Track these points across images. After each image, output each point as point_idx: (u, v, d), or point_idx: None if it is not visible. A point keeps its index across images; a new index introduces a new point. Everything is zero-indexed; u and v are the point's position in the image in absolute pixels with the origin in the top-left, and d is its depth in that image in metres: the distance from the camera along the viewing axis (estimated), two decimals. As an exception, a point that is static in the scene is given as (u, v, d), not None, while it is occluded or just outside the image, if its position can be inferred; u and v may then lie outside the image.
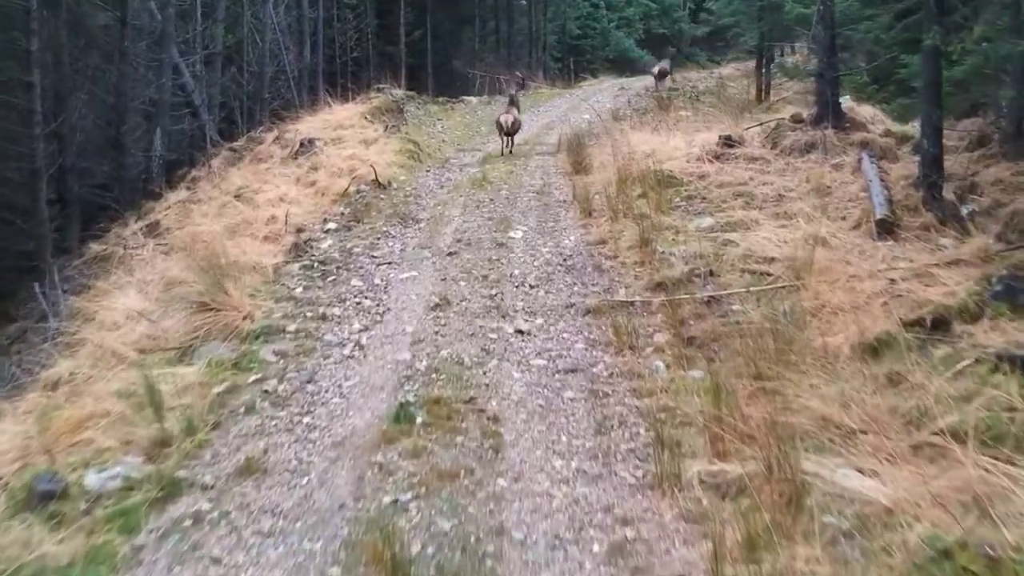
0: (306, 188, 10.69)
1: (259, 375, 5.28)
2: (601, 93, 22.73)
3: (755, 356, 4.95)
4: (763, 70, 18.55)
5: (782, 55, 39.15)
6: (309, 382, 5.16)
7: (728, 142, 9.18)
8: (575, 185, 9.71)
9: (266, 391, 5.06)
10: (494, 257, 7.16)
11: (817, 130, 9.05)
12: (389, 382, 5.07)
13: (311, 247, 7.93)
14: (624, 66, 39.59)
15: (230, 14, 18.58)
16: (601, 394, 4.91)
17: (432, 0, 26.84)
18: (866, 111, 9.98)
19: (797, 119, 9.55)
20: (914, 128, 9.97)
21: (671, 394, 4.86)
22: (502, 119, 13.34)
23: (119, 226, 12.07)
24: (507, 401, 4.82)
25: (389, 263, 7.24)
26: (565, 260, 7.10)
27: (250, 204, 10.09)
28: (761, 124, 9.82)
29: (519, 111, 13.88)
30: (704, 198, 8.30)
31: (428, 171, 11.42)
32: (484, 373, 5.15)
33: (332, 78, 23.44)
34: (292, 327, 5.98)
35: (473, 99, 22.43)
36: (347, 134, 13.26)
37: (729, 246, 6.98)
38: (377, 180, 10.18)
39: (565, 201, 9.07)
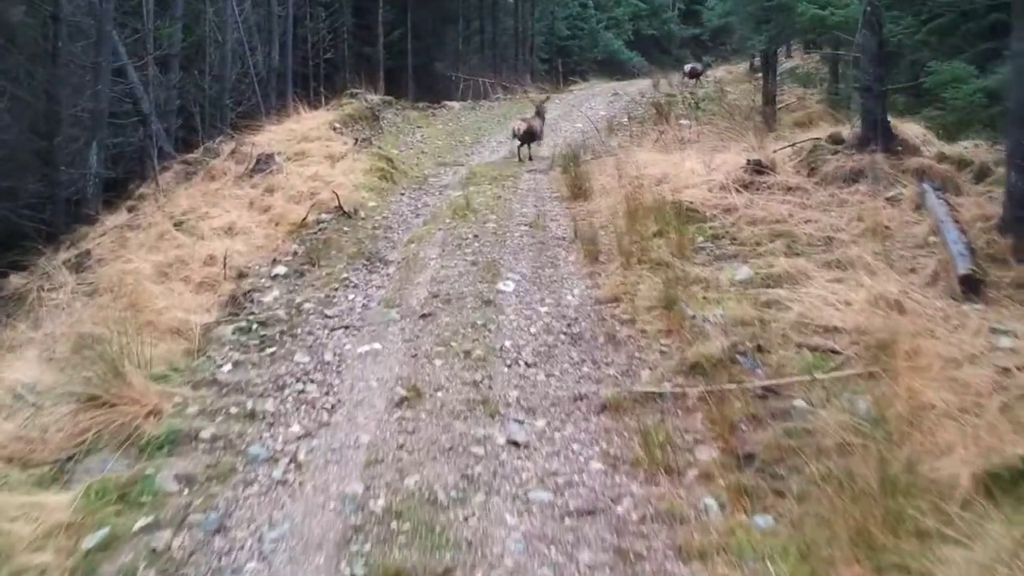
0: (259, 215, 9.17)
1: (150, 517, 3.76)
2: (593, 99, 21.26)
3: (847, 500, 3.50)
4: (770, 76, 17.12)
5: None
6: (218, 531, 3.65)
7: (758, 167, 7.73)
8: (575, 216, 8.25)
9: (155, 550, 3.54)
10: (479, 321, 5.64)
11: (863, 154, 7.61)
12: (331, 534, 3.57)
13: (252, 300, 6.41)
14: (613, 68, 38.23)
15: (190, 11, 16.97)
16: (633, 556, 3.44)
17: (413, -2, 25.31)
18: (912, 130, 8.56)
19: (836, 139, 8.11)
20: (967, 150, 8.58)
21: (733, 557, 3.40)
22: (514, 125, 13.12)
23: (47, 256, 10.49)
24: (499, 572, 3.34)
25: (346, 327, 5.72)
26: (570, 326, 5.60)
27: (192, 235, 8.57)
28: (793, 145, 8.37)
29: (543, 121, 13.34)
30: (734, 239, 6.84)
31: (403, 194, 9.90)
32: (466, 519, 3.65)
33: (304, 81, 21.86)
34: (208, 431, 4.46)
35: (456, 104, 20.95)
36: (312, 148, 11.73)
37: (776, 308, 5.51)
38: (341, 207, 8.67)
39: (564, 238, 7.58)
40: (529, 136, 12.84)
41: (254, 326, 5.89)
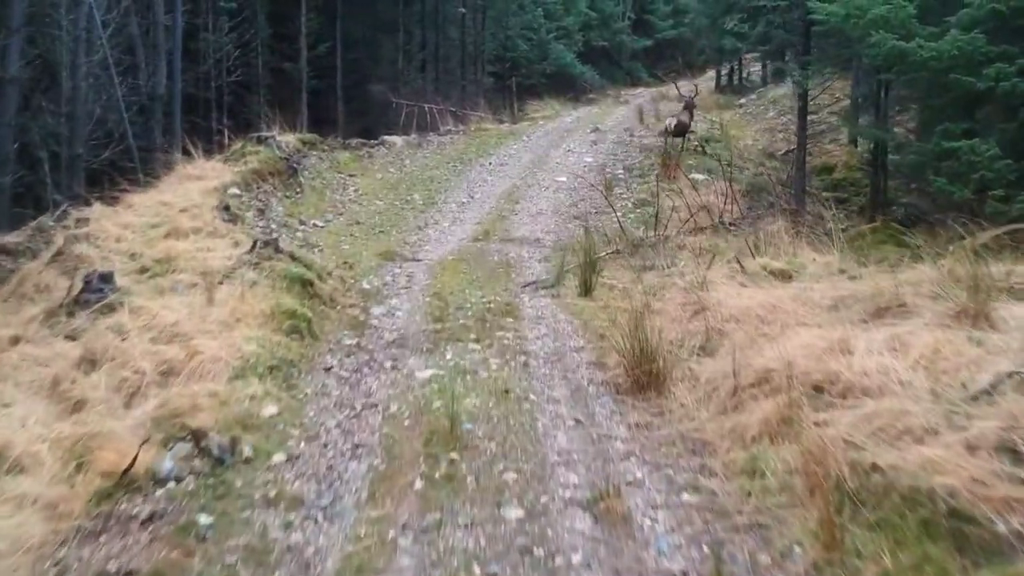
0: (59, 420, 4.89)
1: None
2: (569, 136, 17.25)
3: None
4: (803, 117, 13.33)
5: (740, 78, 34.56)
6: None
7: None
8: (669, 467, 4.19)
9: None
10: None
11: None
12: None
13: None
14: (565, 83, 34.48)
15: (38, 19, 12.42)
16: None
17: (343, 2, 20.92)
18: None
19: None
20: None
21: None
22: (668, 123, 14.95)
23: None
24: None
25: None
26: None
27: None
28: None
29: (692, 114, 14.96)
30: None
31: (329, 369, 5.62)
32: None
33: (206, 107, 17.38)
34: None
35: (397, 140, 16.72)
36: (183, 252, 7.42)
37: None
38: (198, 442, 4.40)
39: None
40: (681, 132, 14.38)
41: None
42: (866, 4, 10.64)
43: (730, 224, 10.68)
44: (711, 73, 38.16)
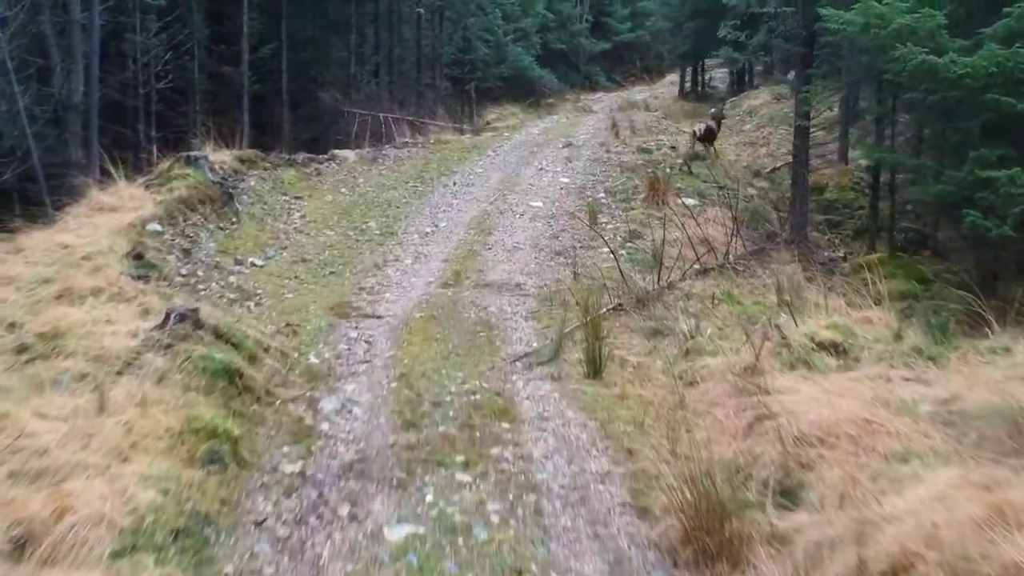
0: None
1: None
2: (540, 152, 15.65)
3: None
4: (803, 136, 11.95)
5: (703, 83, 33.46)
6: None
7: None
8: None
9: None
10: None
11: None
12: None
13: None
14: (523, 87, 32.97)
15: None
16: None
17: (289, 1, 19.13)
18: None
19: None
20: None
21: None
22: (696, 128, 15.23)
23: None
24: None
25: None
26: None
27: None
28: None
29: (719, 124, 15.37)
30: None
31: (261, 524, 3.86)
32: None
33: (134, 116, 15.48)
34: None
35: (350, 155, 15.01)
36: (77, 323, 5.74)
37: None
38: None
39: None
40: (708, 137, 14.75)
41: None
42: (888, 13, 9.34)
43: (736, 263, 9.31)
44: (670, 77, 37.16)
